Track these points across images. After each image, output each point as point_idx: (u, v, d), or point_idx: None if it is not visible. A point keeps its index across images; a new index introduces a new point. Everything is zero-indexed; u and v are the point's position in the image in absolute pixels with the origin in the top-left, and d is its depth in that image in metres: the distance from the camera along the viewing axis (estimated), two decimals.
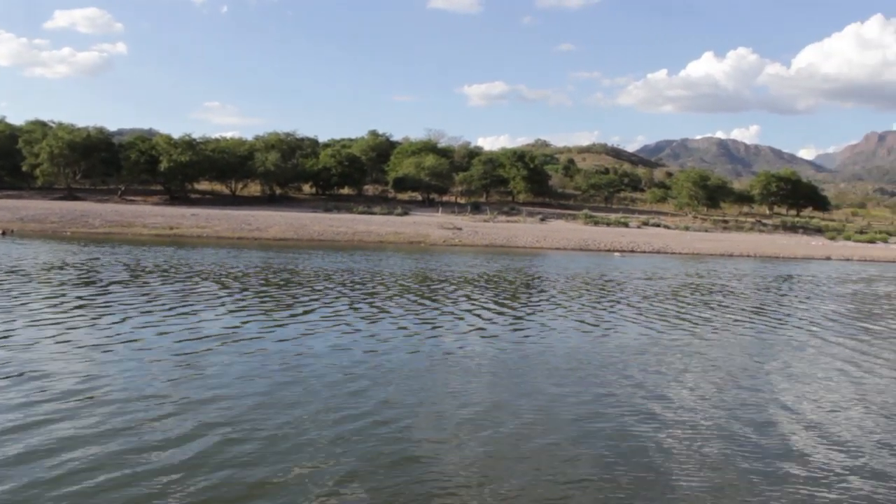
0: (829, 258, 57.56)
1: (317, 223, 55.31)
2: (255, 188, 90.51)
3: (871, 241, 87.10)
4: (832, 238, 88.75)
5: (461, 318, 17.20)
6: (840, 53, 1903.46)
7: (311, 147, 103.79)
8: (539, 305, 20.28)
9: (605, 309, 20.14)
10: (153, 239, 41.43)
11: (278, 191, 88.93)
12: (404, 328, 15.50)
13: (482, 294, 21.97)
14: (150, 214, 55.10)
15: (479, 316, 17.76)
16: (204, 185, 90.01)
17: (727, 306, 22.33)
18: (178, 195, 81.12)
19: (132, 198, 78.81)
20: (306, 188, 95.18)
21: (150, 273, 23.39)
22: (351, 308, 17.94)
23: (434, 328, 15.70)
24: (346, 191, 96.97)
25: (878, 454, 8.64)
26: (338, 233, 50.12)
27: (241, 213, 61.46)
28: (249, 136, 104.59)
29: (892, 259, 60.19)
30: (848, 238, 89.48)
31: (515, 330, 16.04)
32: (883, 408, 10.85)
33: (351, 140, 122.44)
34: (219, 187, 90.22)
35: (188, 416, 8.63)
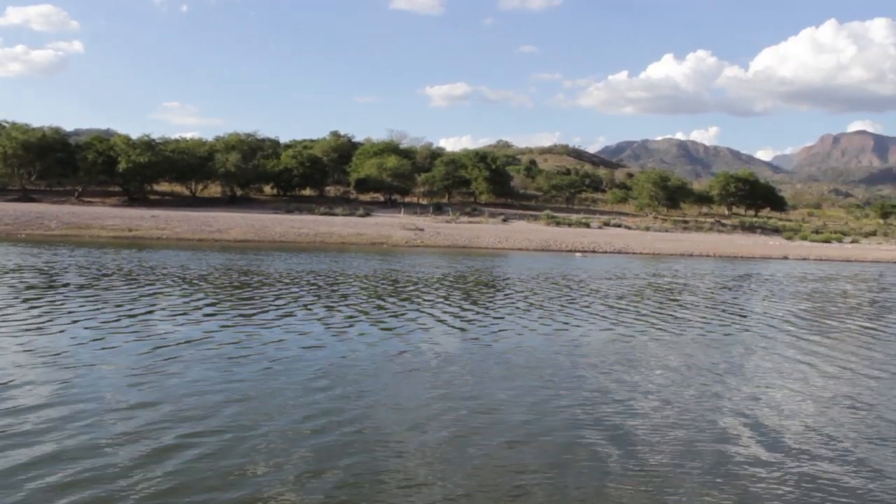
0: (786, 258, 58.51)
1: (278, 224, 54.97)
2: (215, 189, 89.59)
3: (827, 241, 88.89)
4: (789, 238, 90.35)
5: (428, 320, 17.22)
6: (796, 57, 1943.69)
7: (272, 148, 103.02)
8: (504, 306, 20.36)
9: (569, 309, 20.30)
10: (112, 241, 40.86)
11: (239, 192, 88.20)
12: (372, 331, 15.48)
13: (448, 295, 22.00)
14: (109, 216, 54.31)
15: (445, 317, 17.82)
16: (164, 187, 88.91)
17: (691, 305, 22.64)
18: (137, 196, 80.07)
19: (90, 199, 77.64)
20: (267, 189, 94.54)
21: (112, 276, 23.07)
22: (318, 311, 17.88)
23: (402, 331, 15.69)
24: (307, 192, 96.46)
25: (842, 445, 8.87)
26: (300, 234, 49.85)
27: (201, 215, 60.87)
28: (209, 137, 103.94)
29: (847, 258, 61.41)
30: (804, 238, 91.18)
31: (482, 330, 16.14)
32: (847, 401, 11.15)
33: (312, 141, 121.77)
34: (179, 188, 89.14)
35: (159, 428, 8.42)
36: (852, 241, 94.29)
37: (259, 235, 48.05)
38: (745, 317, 20.64)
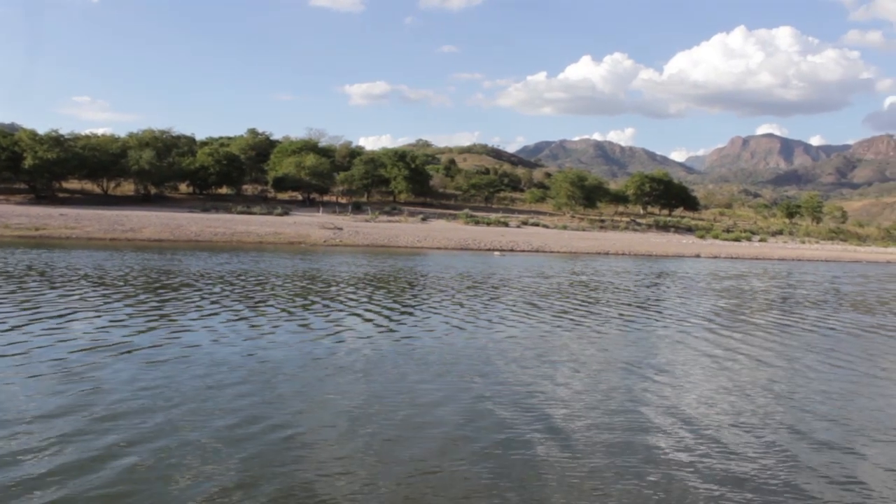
0: (698, 256, 60.36)
1: (194, 223, 53.95)
2: (128, 187, 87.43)
3: (737, 240, 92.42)
4: (701, 237, 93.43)
5: (350, 320, 17.15)
6: (708, 61, 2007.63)
7: (187, 145, 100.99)
8: (426, 305, 20.44)
9: (491, 307, 20.54)
10: (16, 240, 39.44)
11: (153, 190, 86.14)
12: (294, 332, 15.28)
13: (368, 294, 21.99)
14: (13, 214, 52.42)
15: (367, 316, 17.77)
16: (73, 184, 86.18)
17: (612, 302, 23.21)
18: (44, 194, 77.34)
19: None
20: (183, 188, 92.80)
21: (22, 278, 22.24)
22: (239, 312, 17.57)
23: (324, 331, 15.53)
24: (224, 190, 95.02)
25: (756, 433, 9.24)
26: (216, 233, 49.05)
27: (113, 214, 59.30)
28: (122, 133, 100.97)
29: (755, 256, 63.75)
30: (716, 237, 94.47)
31: (404, 330, 16.15)
32: (763, 392, 11.65)
33: (229, 138, 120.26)
34: (90, 186, 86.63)
35: (79, 438, 8.08)
36: (760, 240, 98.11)
37: (174, 235, 47.09)
38: (665, 313, 21.27)
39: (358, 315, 17.99)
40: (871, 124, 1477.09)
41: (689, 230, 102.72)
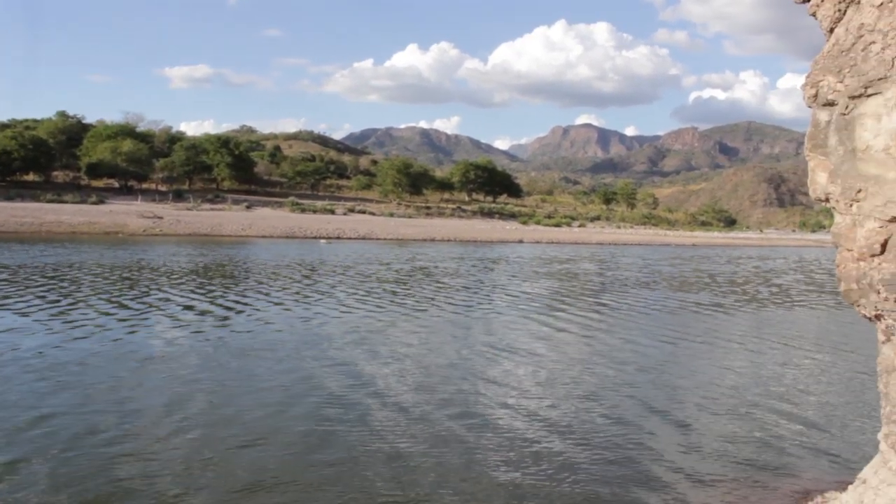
0: (521, 241, 62.83)
1: None
2: None
3: (558, 226, 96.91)
4: (524, 223, 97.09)
5: (165, 314, 16.70)
6: (530, 53, 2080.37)
7: None
8: (248, 295, 20.28)
9: (310, 296, 20.63)
10: None
11: None
12: (106, 326, 14.69)
13: (187, 285, 21.69)
14: None
15: (185, 308, 17.48)
16: None
17: (436, 287, 23.88)
18: None
19: None
20: None
21: None
22: (46, 307, 16.78)
23: (136, 326, 15.02)
24: (31, 177, 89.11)
25: (582, 412, 9.87)
26: (21, 223, 46.18)
27: None
28: None
29: (575, 241, 67.25)
30: (538, 223, 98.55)
31: (224, 321, 15.96)
32: (582, 368, 12.33)
33: (36, 121, 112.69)
34: None
35: None
36: (580, 225, 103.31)
37: None
38: (497, 296, 22.35)
39: (176, 306, 17.75)
40: (678, 117, 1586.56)
41: (512, 216, 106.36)
